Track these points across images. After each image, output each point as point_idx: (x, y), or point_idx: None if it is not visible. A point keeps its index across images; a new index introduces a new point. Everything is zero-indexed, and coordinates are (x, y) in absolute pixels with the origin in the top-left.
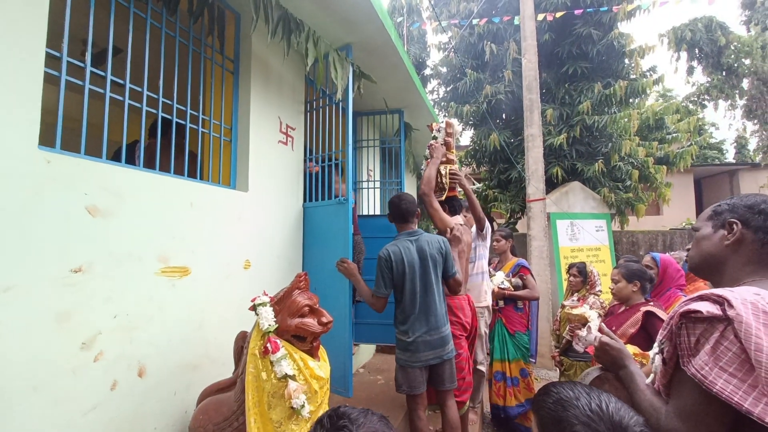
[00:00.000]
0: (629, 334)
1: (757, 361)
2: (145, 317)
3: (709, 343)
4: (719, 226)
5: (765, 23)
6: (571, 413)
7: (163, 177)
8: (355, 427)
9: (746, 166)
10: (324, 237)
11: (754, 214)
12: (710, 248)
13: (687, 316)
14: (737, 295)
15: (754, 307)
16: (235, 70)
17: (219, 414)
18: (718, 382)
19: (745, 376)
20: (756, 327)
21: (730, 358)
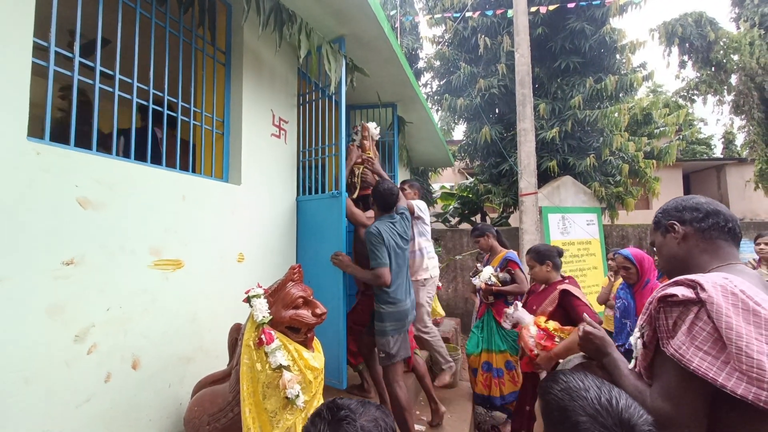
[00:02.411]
0: (548, 311)
1: (728, 339)
2: (139, 310)
3: (685, 324)
4: (665, 231)
5: (754, 20)
6: (578, 404)
7: (155, 169)
8: (357, 416)
9: (733, 161)
10: (318, 230)
11: (682, 211)
12: (670, 251)
13: (664, 300)
14: (708, 279)
15: (723, 290)
16: (226, 62)
17: (214, 405)
18: (695, 360)
19: (719, 353)
20: (726, 307)
21: (704, 338)
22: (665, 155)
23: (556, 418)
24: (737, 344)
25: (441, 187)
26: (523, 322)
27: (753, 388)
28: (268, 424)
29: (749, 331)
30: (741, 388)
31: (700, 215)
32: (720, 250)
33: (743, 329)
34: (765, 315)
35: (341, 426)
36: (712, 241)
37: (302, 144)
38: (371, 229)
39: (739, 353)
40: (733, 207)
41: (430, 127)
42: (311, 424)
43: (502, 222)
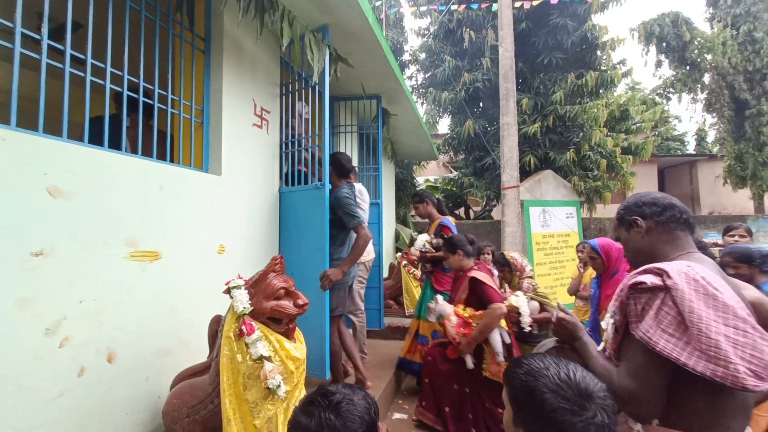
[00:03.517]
0: (463, 298)
1: (690, 322)
2: (114, 302)
3: (653, 309)
4: (629, 227)
5: (727, 21)
6: (541, 382)
7: (131, 158)
8: (353, 396)
9: (704, 157)
10: (301, 222)
11: (642, 207)
12: (635, 245)
13: (634, 287)
14: (673, 267)
15: (687, 277)
16: (206, 49)
17: (193, 397)
18: (661, 341)
19: (682, 335)
20: (689, 293)
21: (669, 321)
22: (641, 151)
23: (523, 401)
24: (698, 326)
25: (425, 180)
26: (445, 313)
27: (711, 366)
28: (249, 415)
29: (709, 315)
30: (700, 366)
31: (659, 209)
32: (678, 240)
33: (703, 313)
34: (722, 299)
35: (341, 407)
36: (672, 232)
37: (285, 135)
38: (344, 191)
39: (700, 334)
40: (704, 201)
41: (415, 120)
42: (305, 414)
43: (485, 215)
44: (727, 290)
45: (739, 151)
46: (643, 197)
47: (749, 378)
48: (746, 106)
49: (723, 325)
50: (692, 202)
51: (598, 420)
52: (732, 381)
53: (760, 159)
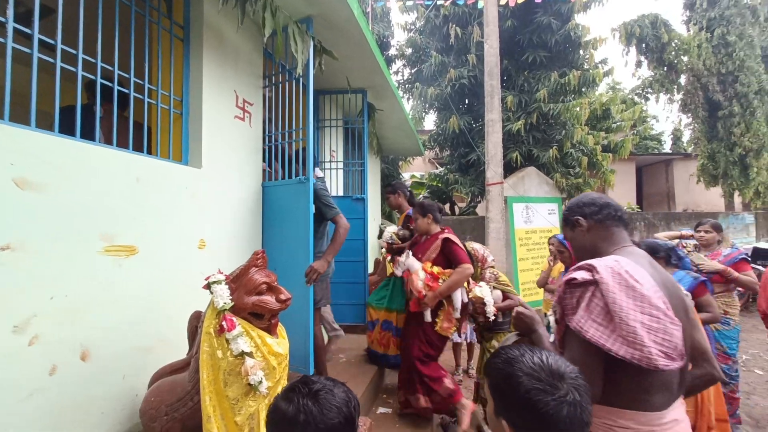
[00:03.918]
0: (432, 258)
1: (614, 312)
2: (88, 298)
3: (584, 302)
4: (573, 226)
5: (702, 24)
6: (517, 367)
7: (105, 149)
8: (333, 387)
9: (680, 156)
10: (284, 216)
11: (583, 207)
12: (579, 242)
13: (568, 283)
14: (602, 262)
15: (612, 271)
16: (185, 38)
17: (173, 394)
18: (590, 330)
19: (608, 324)
20: (613, 285)
21: (598, 312)
22: (620, 149)
23: (503, 388)
24: (620, 315)
25: (411, 176)
26: (413, 268)
27: (630, 350)
28: (230, 412)
29: (628, 304)
30: (622, 351)
31: (597, 209)
32: (614, 236)
33: (624, 303)
34: (641, 290)
35: (319, 396)
36: (609, 229)
37: (268, 128)
38: (319, 184)
39: (621, 323)
40: (679, 199)
41: (401, 116)
42: (285, 400)
43: (470, 211)
44: (647, 281)
45: (712, 150)
46: (583, 199)
47: (660, 359)
48: (719, 107)
49: (640, 313)
50: (668, 199)
51: (569, 398)
52: (647, 362)
53: (730, 158)
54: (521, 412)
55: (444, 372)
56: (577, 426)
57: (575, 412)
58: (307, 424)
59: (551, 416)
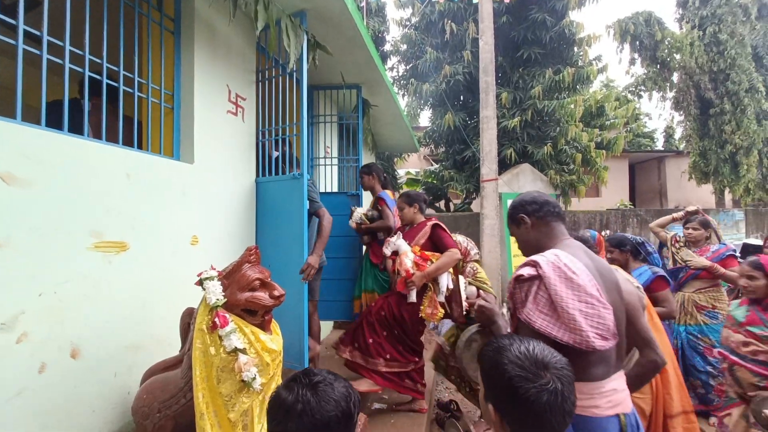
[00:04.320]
0: (421, 243)
1: (556, 302)
2: (78, 295)
3: (531, 295)
4: (518, 224)
5: (694, 22)
6: (505, 355)
7: (94, 144)
8: (333, 381)
9: (672, 154)
10: (278, 212)
11: (525, 205)
12: (524, 238)
13: (517, 279)
14: (544, 258)
15: (553, 265)
16: (176, 31)
17: (165, 392)
18: (538, 321)
19: (553, 313)
20: (554, 278)
21: (543, 303)
22: (614, 146)
23: (491, 374)
24: (561, 305)
25: (407, 172)
26: (402, 249)
27: (571, 335)
28: (223, 408)
29: (568, 295)
30: (566, 337)
31: (538, 206)
32: (554, 230)
33: (564, 293)
34: (577, 281)
35: (318, 388)
36: (549, 225)
37: (261, 123)
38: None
39: (562, 312)
40: (671, 195)
41: (396, 111)
42: (286, 389)
43: (465, 207)
44: (583, 271)
45: (703, 148)
46: (525, 197)
47: (597, 340)
48: (710, 105)
49: (577, 301)
50: (660, 196)
51: (551, 386)
52: (585, 345)
53: (721, 156)
54: (505, 398)
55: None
56: (557, 413)
57: (556, 400)
58: (304, 413)
59: (532, 403)
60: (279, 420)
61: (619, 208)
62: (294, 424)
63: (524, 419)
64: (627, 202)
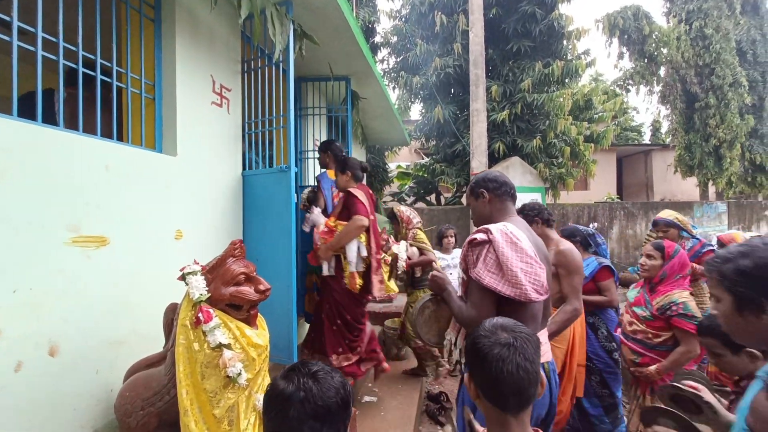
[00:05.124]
0: (336, 213)
1: (502, 262)
2: (56, 292)
3: (482, 257)
4: (477, 197)
5: (681, 16)
6: (477, 331)
7: (69, 134)
8: (331, 371)
9: (658, 147)
10: (265, 206)
11: (487, 182)
12: (480, 210)
13: (471, 243)
14: (494, 227)
15: (501, 232)
16: (156, 18)
17: (148, 388)
18: (486, 278)
19: (499, 272)
20: (502, 243)
21: (491, 264)
22: (602, 139)
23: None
24: (506, 265)
25: (397, 166)
26: (317, 222)
27: (513, 289)
28: (208, 405)
29: (512, 256)
30: (508, 290)
31: (498, 185)
32: (507, 208)
33: (509, 255)
34: (520, 245)
35: (319, 375)
36: (504, 202)
37: (248, 115)
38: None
39: (507, 270)
40: (657, 188)
41: (386, 104)
42: (285, 380)
43: (456, 201)
44: (525, 239)
45: (689, 141)
46: (488, 175)
47: (533, 293)
48: (696, 99)
49: (520, 261)
50: (647, 189)
51: (503, 340)
52: (524, 297)
53: (706, 149)
54: (471, 358)
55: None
56: (509, 363)
57: (507, 352)
58: (306, 400)
59: (485, 354)
60: (278, 409)
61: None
62: (296, 411)
63: (482, 373)
64: (614, 195)
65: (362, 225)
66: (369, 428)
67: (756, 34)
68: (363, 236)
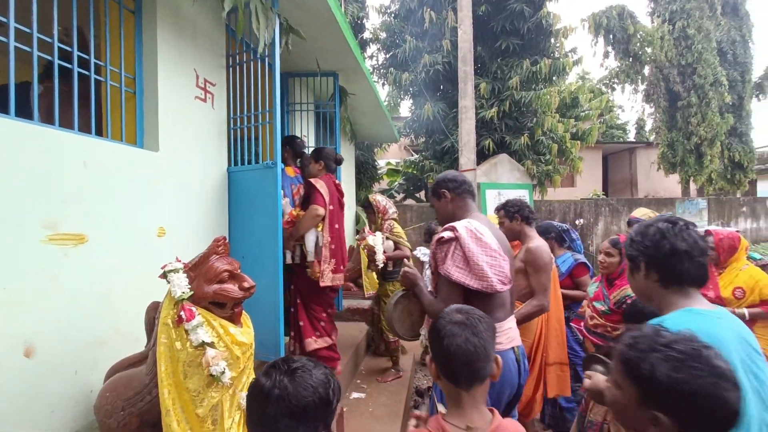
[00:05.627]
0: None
1: (469, 258)
2: (32, 291)
3: (450, 254)
4: (439, 197)
5: (665, 16)
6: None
7: (45, 129)
8: (311, 368)
9: (642, 145)
10: (252, 203)
11: (447, 182)
12: (443, 209)
13: (439, 241)
14: (460, 224)
15: (467, 229)
16: (136, 10)
17: (129, 389)
18: (455, 273)
19: (466, 267)
20: (468, 239)
21: (459, 259)
22: (588, 137)
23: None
24: (472, 260)
25: (387, 163)
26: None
27: (480, 282)
28: (191, 404)
29: (478, 251)
30: (475, 284)
31: (457, 184)
32: (468, 205)
33: (475, 250)
34: (485, 240)
35: (296, 374)
36: (465, 200)
37: (233, 110)
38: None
39: (473, 265)
40: (641, 185)
41: (374, 100)
42: (265, 375)
43: None
44: (489, 235)
45: (671, 139)
46: (447, 175)
47: (498, 284)
48: (678, 98)
49: (484, 255)
50: (631, 186)
51: (456, 319)
52: (491, 288)
53: (687, 147)
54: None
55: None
56: (459, 338)
57: (459, 329)
58: (281, 399)
59: (439, 331)
60: (257, 405)
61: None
62: (272, 409)
63: (438, 350)
64: (600, 191)
65: (318, 214)
66: (357, 424)
67: (736, 35)
68: (321, 226)
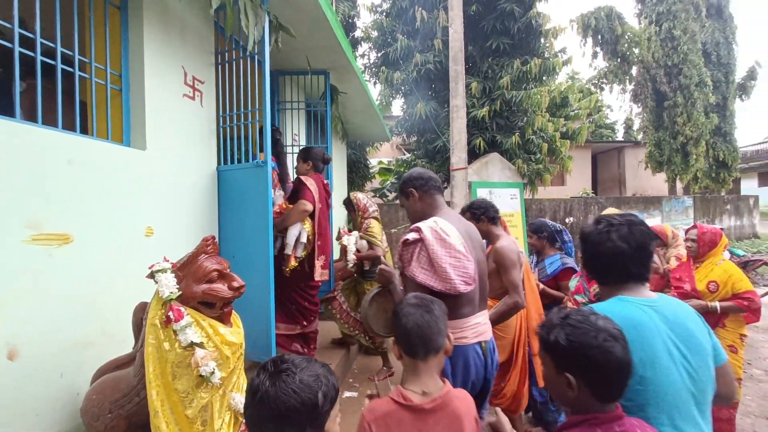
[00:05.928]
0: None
1: (433, 259)
2: (15, 292)
3: (415, 255)
4: (407, 196)
5: (652, 17)
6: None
7: (27, 126)
8: (298, 370)
9: (630, 144)
10: (242, 202)
11: (413, 180)
12: (413, 208)
13: (404, 243)
14: (424, 224)
15: (431, 230)
16: (122, 6)
17: (117, 391)
18: (420, 275)
19: (430, 269)
20: (431, 240)
21: (423, 261)
22: (577, 136)
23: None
24: (436, 262)
25: (379, 162)
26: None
27: (444, 284)
28: (180, 405)
29: (442, 253)
30: (439, 285)
31: (423, 181)
32: (436, 202)
33: (439, 252)
34: (449, 241)
35: (280, 377)
36: (433, 197)
37: (222, 108)
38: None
39: (437, 267)
40: (629, 184)
41: (366, 99)
42: (257, 374)
43: None
44: (454, 233)
45: (658, 138)
46: (413, 173)
47: (461, 285)
48: (665, 98)
49: (448, 257)
50: (619, 184)
51: (412, 302)
52: (454, 291)
53: (674, 146)
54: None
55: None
56: (415, 315)
57: (415, 310)
58: (262, 402)
59: (398, 313)
60: (247, 404)
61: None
62: (255, 411)
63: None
64: (590, 190)
65: (305, 209)
66: (349, 423)
67: (720, 37)
68: (308, 223)
